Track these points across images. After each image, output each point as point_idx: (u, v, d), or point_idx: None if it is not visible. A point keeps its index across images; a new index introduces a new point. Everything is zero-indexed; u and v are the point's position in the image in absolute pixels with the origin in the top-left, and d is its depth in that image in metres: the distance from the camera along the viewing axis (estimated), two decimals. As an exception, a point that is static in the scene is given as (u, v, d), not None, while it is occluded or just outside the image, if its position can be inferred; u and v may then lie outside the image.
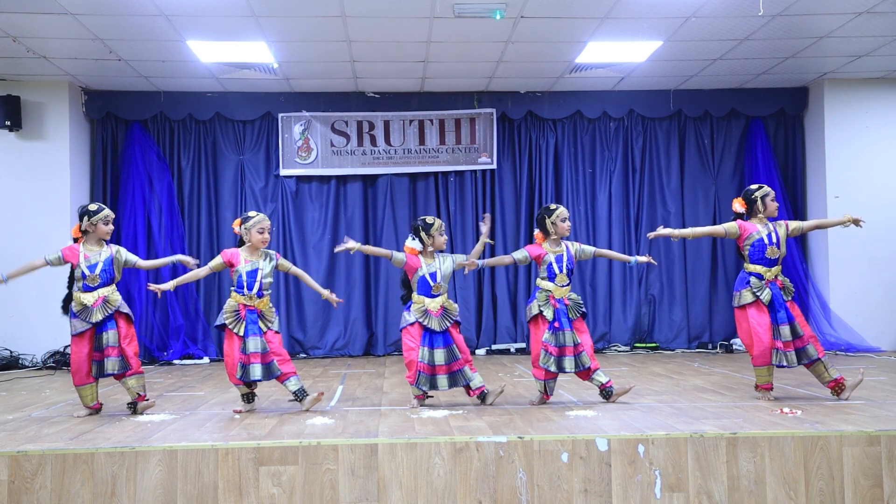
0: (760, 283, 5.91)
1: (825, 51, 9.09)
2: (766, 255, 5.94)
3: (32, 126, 9.63)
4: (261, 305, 5.80)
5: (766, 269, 5.94)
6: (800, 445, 4.49)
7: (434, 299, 5.91)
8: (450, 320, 5.92)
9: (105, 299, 5.62)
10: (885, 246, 10.17)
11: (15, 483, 4.33)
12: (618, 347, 10.45)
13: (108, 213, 5.74)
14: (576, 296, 6.07)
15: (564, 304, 5.93)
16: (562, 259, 5.98)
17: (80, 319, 5.60)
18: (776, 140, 10.80)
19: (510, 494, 4.40)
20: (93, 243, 5.73)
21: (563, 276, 5.98)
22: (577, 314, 5.96)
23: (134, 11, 7.55)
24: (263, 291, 5.83)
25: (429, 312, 5.86)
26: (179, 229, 10.27)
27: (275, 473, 4.39)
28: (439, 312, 5.88)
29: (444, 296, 5.99)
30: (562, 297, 5.95)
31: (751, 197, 6.06)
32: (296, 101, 10.42)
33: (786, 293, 5.93)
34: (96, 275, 5.64)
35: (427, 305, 5.89)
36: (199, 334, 10.16)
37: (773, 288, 5.90)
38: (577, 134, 10.76)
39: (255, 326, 5.71)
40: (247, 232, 5.82)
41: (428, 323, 5.83)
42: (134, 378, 5.65)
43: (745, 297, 5.92)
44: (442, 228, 6.03)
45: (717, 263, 10.68)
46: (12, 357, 9.32)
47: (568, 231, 6.05)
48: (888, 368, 8.06)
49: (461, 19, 7.85)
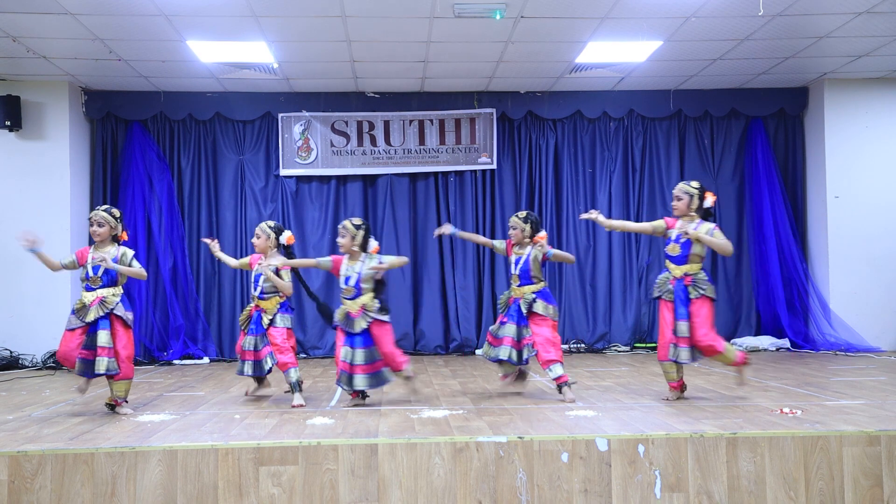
0: (665, 279, 5.89)
1: (825, 51, 9.09)
2: (667, 252, 5.92)
3: (32, 126, 9.63)
4: (265, 305, 6.21)
5: (673, 266, 5.89)
6: (800, 445, 4.49)
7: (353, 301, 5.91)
8: (369, 319, 5.87)
9: (102, 300, 5.64)
10: (885, 246, 10.18)
11: (15, 483, 4.33)
12: (618, 347, 10.45)
13: (91, 213, 5.81)
14: (530, 294, 6.21)
15: (518, 301, 6.24)
16: (518, 261, 6.28)
17: (75, 316, 5.67)
18: (776, 140, 10.80)
19: (510, 494, 4.40)
20: (99, 245, 5.78)
21: (515, 276, 6.29)
22: (528, 309, 6.18)
23: (134, 11, 7.55)
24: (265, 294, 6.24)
25: (349, 314, 5.89)
26: (179, 229, 10.27)
27: (275, 473, 4.39)
28: (358, 313, 5.88)
29: (363, 297, 5.92)
30: (518, 296, 6.24)
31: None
32: (296, 101, 10.42)
33: (693, 291, 5.77)
34: (97, 276, 5.68)
35: (347, 307, 5.92)
36: (199, 334, 10.16)
37: (678, 285, 5.81)
38: (577, 134, 10.76)
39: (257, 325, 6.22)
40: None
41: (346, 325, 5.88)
42: (123, 382, 5.70)
43: (653, 292, 6.02)
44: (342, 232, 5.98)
45: (716, 263, 10.67)
46: (12, 357, 9.32)
47: (518, 237, 6.35)
48: (888, 368, 8.06)
49: (461, 19, 7.85)
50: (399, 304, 10.35)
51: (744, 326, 10.67)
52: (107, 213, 5.79)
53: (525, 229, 6.28)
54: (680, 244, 5.84)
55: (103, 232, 5.75)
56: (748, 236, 10.74)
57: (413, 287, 10.52)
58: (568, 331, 10.51)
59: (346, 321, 5.88)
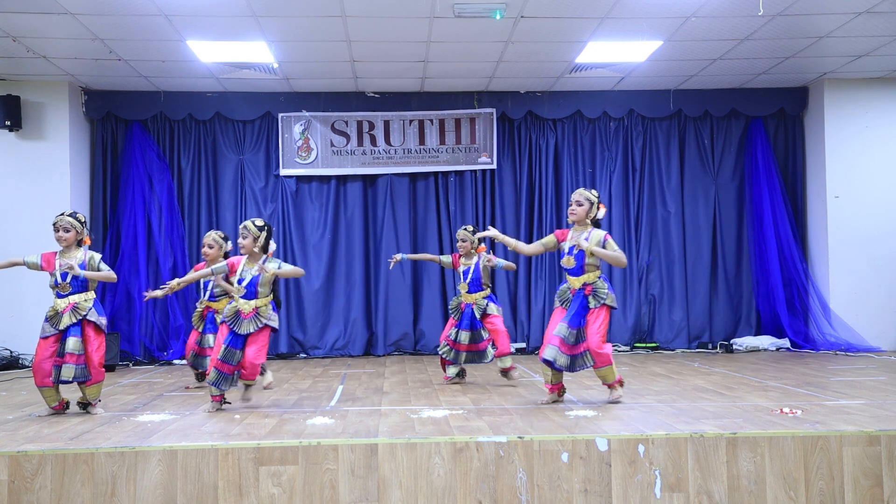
0: (566, 289, 5.81)
1: (825, 51, 9.09)
2: (563, 265, 5.83)
3: (32, 126, 9.63)
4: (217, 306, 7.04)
5: (572, 279, 5.79)
6: (800, 445, 4.48)
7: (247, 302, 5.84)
8: (259, 324, 5.80)
9: (75, 306, 5.62)
10: (885, 246, 10.18)
11: (15, 483, 4.33)
12: (618, 347, 10.44)
13: (56, 219, 5.74)
14: (483, 301, 7.07)
15: (471, 307, 7.04)
16: (468, 271, 7.14)
17: (48, 324, 5.63)
18: (776, 140, 10.80)
19: (510, 494, 4.40)
20: (66, 251, 5.74)
21: (464, 284, 7.13)
22: (481, 312, 7.03)
23: (134, 11, 7.55)
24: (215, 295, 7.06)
25: (239, 313, 5.80)
26: (179, 229, 10.27)
27: (275, 473, 4.39)
28: (250, 314, 5.80)
29: (258, 300, 5.86)
30: (470, 302, 7.07)
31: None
32: (296, 101, 10.41)
33: (593, 300, 5.68)
34: (66, 283, 5.65)
35: (240, 307, 5.83)
36: (199, 334, 10.14)
37: (578, 294, 5.71)
38: (577, 134, 10.76)
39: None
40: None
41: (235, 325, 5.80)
42: (95, 387, 5.69)
43: (555, 301, 5.91)
44: (243, 233, 5.90)
45: (716, 263, 10.69)
46: (12, 357, 9.31)
47: (465, 249, 7.19)
48: (888, 368, 8.05)
49: (461, 19, 7.85)
50: (399, 304, 10.37)
51: (744, 326, 10.67)
52: (72, 219, 5.75)
53: (473, 242, 7.13)
54: (574, 256, 5.73)
55: (69, 237, 5.72)
56: (748, 236, 10.74)
57: (413, 287, 10.52)
58: (568, 331, 10.50)
59: (235, 320, 5.78)
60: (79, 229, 5.76)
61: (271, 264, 5.88)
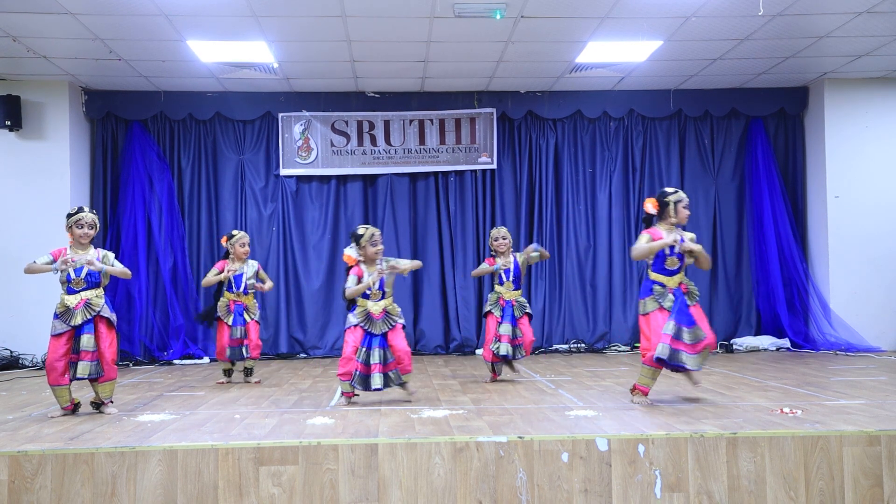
0: (663, 291, 5.73)
1: (825, 51, 9.09)
2: (666, 266, 5.75)
3: (32, 126, 9.63)
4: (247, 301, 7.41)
5: (667, 279, 5.74)
6: (800, 445, 4.48)
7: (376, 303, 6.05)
8: (391, 323, 6.05)
9: (87, 302, 5.60)
10: (885, 246, 10.18)
11: (15, 483, 4.33)
12: (618, 347, 10.45)
13: (80, 216, 5.71)
14: (522, 299, 7.26)
15: (511, 304, 7.20)
16: (509, 270, 7.27)
17: (60, 321, 5.57)
18: (776, 140, 10.80)
19: (510, 494, 4.40)
20: (78, 247, 5.71)
21: (508, 283, 7.27)
22: (521, 313, 7.19)
23: (134, 11, 7.55)
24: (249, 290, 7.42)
25: (371, 316, 6.01)
26: (179, 229, 10.27)
27: (275, 473, 4.39)
28: (380, 315, 6.04)
29: (385, 300, 6.11)
30: (510, 299, 7.22)
31: (664, 200, 5.82)
32: (296, 101, 10.42)
33: (690, 298, 5.73)
34: (81, 279, 5.63)
35: (370, 309, 6.03)
36: (199, 334, 10.15)
37: (676, 293, 5.72)
38: (577, 134, 10.76)
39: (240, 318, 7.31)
40: (232, 247, 7.40)
41: (369, 326, 5.98)
42: (108, 384, 5.69)
43: (648, 305, 5.77)
44: (373, 238, 6.06)
45: (717, 263, 10.68)
46: (12, 357, 9.32)
47: (505, 247, 7.33)
48: (888, 368, 8.05)
49: (461, 19, 7.85)
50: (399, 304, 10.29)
51: (744, 326, 10.67)
52: (95, 216, 5.78)
53: (510, 240, 7.34)
54: (677, 256, 5.72)
55: (93, 234, 5.73)
56: (748, 236, 10.74)
57: (413, 287, 10.51)
58: (568, 331, 10.51)
59: (368, 321, 6.03)
60: (97, 226, 5.81)
61: (387, 264, 6.12)
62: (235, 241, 7.41)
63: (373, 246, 6.03)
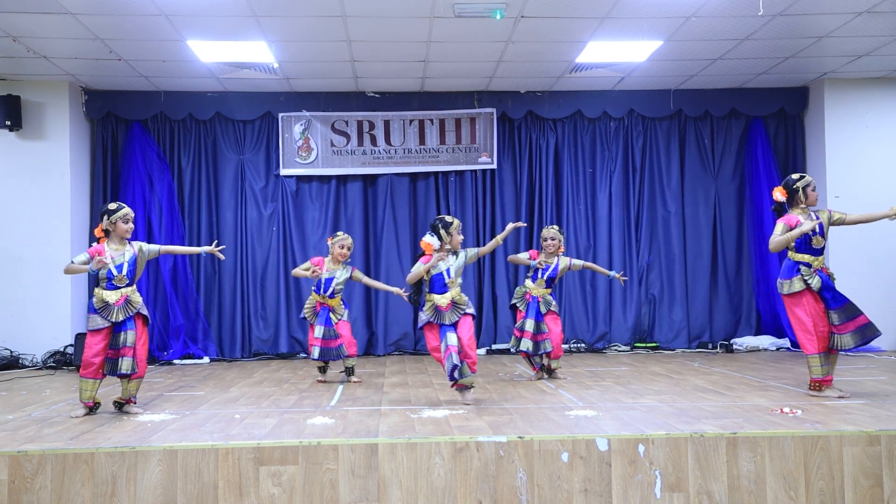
0: (810, 272, 6.01)
1: (825, 51, 9.09)
2: (812, 245, 6.06)
3: (32, 126, 9.63)
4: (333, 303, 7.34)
5: (812, 258, 6.04)
6: (800, 445, 4.49)
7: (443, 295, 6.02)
8: (459, 313, 5.97)
9: (127, 299, 5.67)
10: (886, 246, 10.17)
11: (15, 483, 4.33)
12: (618, 347, 10.45)
13: (126, 211, 5.78)
14: (549, 297, 7.32)
15: (537, 300, 7.27)
16: (548, 268, 7.33)
17: (100, 316, 5.61)
18: (776, 140, 10.79)
19: (510, 494, 4.40)
20: (116, 243, 5.75)
21: (541, 280, 7.33)
22: (547, 309, 7.24)
23: (134, 11, 7.55)
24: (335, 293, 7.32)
25: (439, 308, 5.98)
26: (179, 229, 10.26)
27: (275, 473, 4.39)
28: (448, 307, 5.98)
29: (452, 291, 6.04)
30: (536, 295, 7.30)
31: (792, 187, 6.21)
32: (296, 101, 10.41)
33: (833, 280, 6.09)
34: (123, 275, 5.69)
35: (437, 301, 6.01)
36: (199, 334, 10.15)
37: (820, 275, 6.01)
38: (578, 134, 10.76)
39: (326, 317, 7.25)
40: (331, 247, 7.30)
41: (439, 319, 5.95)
42: (137, 381, 5.74)
43: (795, 284, 6.01)
44: (460, 228, 6.13)
45: (717, 263, 10.68)
46: (12, 357, 9.31)
47: (554, 247, 7.38)
48: (888, 368, 8.06)
49: (461, 19, 7.85)
50: (399, 304, 10.35)
51: (744, 326, 10.67)
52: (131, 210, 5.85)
53: (560, 240, 7.40)
54: (822, 235, 6.11)
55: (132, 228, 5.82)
56: (748, 236, 10.73)
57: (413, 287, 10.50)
58: (568, 331, 10.51)
59: (437, 314, 6.02)
60: None
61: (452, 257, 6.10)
62: (336, 241, 7.35)
63: (460, 234, 6.07)
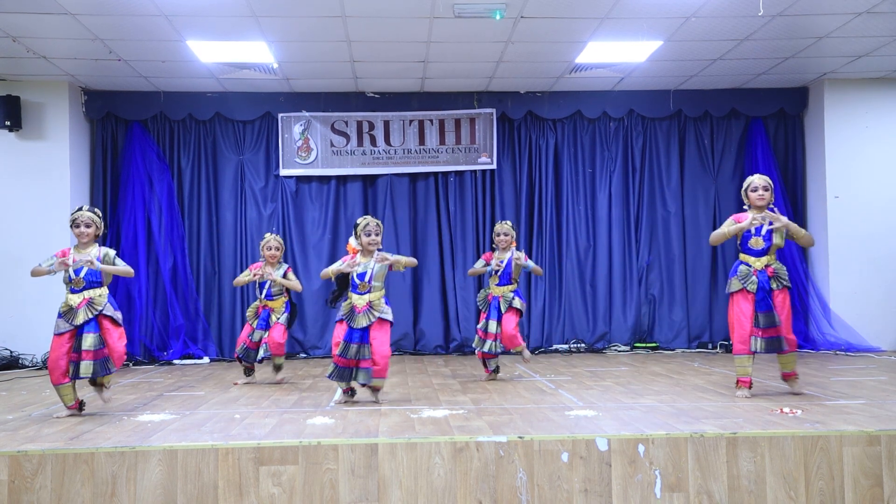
0: (748, 271, 6.03)
1: (825, 51, 9.09)
2: (749, 245, 6.11)
3: (32, 126, 9.63)
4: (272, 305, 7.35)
5: (753, 259, 6.07)
6: (800, 445, 4.48)
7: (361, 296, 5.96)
8: (373, 317, 5.92)
9: (90, 301, 5.57)
10: (885, 246, 10.17)
11: (15, 483, 4.33)
12: (618, 347, 10.45)
13: (76, 215, 5.66)
14: (510, 294, 7.23)
15: (497, 300, 7.24)
16: (501, 263, 7.22)
17: (63, 320, 5.55)
18: (776, 140, 10.79)
19: (510, 494, 4.40)
20: (82, 246, 5.68)
21: (495, 277, 7.28)
22: (506, 307, 7.17)
23: (134, 11, 7.55)
24: (273, 294, 7.34)
25: (354, 308, 5.94)
26: (179, 229, 10.26)
27: (275, 473, 4.39)
28: (363, 309, 5.93)
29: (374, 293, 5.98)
30: (497, 295, 7.24)
31: (741, 191, 6.31)
32: (296, 101, 10.41)
33: (775, 282, 6.00)
34: (80, 278, 5.58)
35: (354, 302, 5.96)
36: (199, 334, 10.15)
37: (760, 276, 5.99)
38: (577, 134, 10.76)
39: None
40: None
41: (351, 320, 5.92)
42: (108, 377, 5.72)
43: (732, 284, 6.12)
44: (373, 228, 6.03)
45: (717, 263, 10.68)
46: (12, 357, 9.32)
47: (506, 243, 7.31)
48: (888, 368, 8.05)
49: (461, 19, 7.85)
50: (399, 304, 10.35)
51: (744, 326, 10.65)
52: (92, 213, 5.69)
53: (513, 236, 7.31)
54: (762, 236, 6.08)
55: (90, 232, 5.65)
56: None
57: (413, 287, 10.52)
58: (568, 331, 10.52)
59: (351, 315, 6.00)
60: (98, 224, 5.71)
61: (380, 254, 6.02)
62: (263, 244, 7.36)
63: (366, 235, 5.99)
